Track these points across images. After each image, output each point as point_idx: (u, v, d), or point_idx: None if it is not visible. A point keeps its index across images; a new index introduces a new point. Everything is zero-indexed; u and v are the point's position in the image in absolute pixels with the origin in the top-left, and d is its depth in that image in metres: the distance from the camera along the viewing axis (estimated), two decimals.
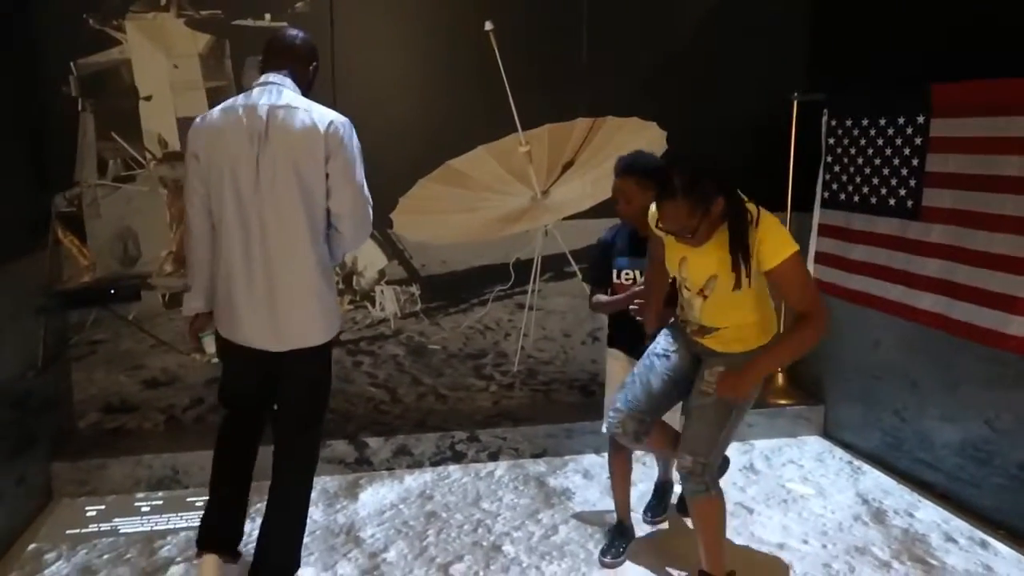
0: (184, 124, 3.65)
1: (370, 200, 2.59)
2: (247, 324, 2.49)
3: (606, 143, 4.01)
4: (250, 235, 2.43)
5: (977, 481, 3.16)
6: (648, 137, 4.03)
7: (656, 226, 2.36)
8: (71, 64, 3.49)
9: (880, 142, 3.43)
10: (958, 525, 3.11)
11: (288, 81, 2.52)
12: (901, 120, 3.32)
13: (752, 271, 2.32)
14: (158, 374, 3.77)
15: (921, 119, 3.22)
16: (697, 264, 2.41)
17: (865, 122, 3.53)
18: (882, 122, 3.43)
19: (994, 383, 3.05)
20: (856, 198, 3.60)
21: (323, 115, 2.45)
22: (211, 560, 2.57)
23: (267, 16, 3.63)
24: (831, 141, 3.77)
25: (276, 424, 2.66)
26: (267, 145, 2.40)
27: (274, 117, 2.41)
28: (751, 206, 2.33)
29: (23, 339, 3.24)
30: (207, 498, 2.68)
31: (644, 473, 3.53)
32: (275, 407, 2.67)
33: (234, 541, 2.67)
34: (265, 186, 2.40)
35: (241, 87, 3.64)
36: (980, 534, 3.04)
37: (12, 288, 3.14)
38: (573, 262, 4.09)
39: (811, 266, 3.91)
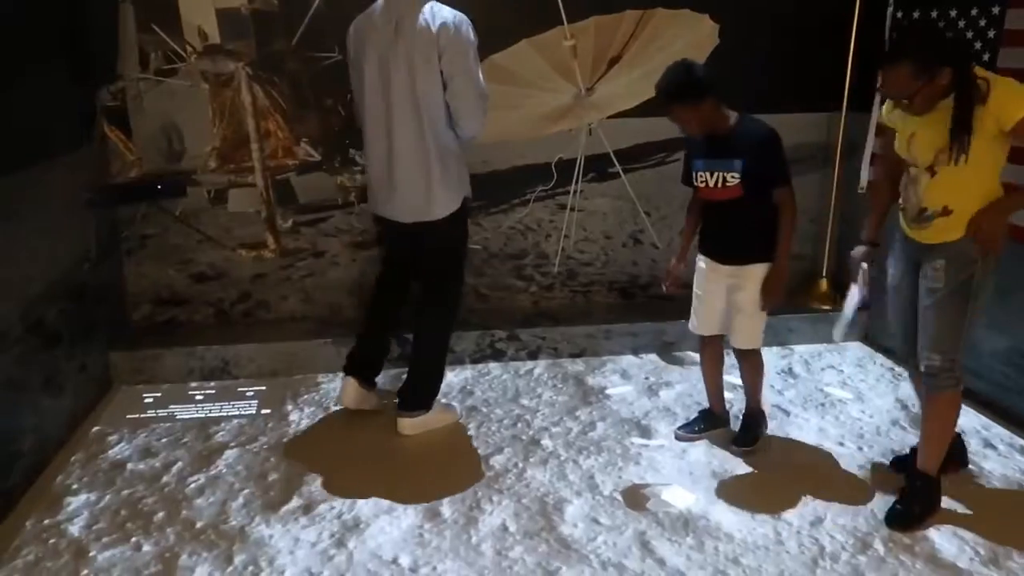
0: (224, 16, 3.60)
1: (483, 92, 2.86)
2: (382, 200, 2.99)
3: (656, 37, 3.84)
4: (379, 127, 2.86)
5: (1021, 388, 3.12)
6: (700, 31, 3.85)
7: (878, 88, 2.37)
8: None
9: (950, 35, 3.23)
10: (998, 432, 3.10)
11: None
12: (974, 11, 3.11)
13: (982, 142, 2.24)
14: (206, 268, 3.86)
15: (996, 10, 3.01)
16: (924, 139, 2.36)
17: (935, 14, 3.31)
18: (952, 13, 3.21)
19: None
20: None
21: (438, 16, 2.75)
22: (351, 381, 3.20)
23: None
24: (896, 35, 3.56)
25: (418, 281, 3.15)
26: (393, 46, 2.76)
27: (401, 20, 2.76)
28: (984, 80, 2.24)
29: (76, 233, 3.32)
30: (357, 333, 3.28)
31: (681, 375, 3.56)
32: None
33: (371, 371, 3.26)
34: (391, 84, 2.79)
35: None
36: (1020, 441, 3.03)
37: (62, 182, 3.19)
38: (617, 162, 4.00)
39: (866, 169, 3.77)
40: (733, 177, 2.69)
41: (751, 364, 3.01)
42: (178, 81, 3.64)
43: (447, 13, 2.78)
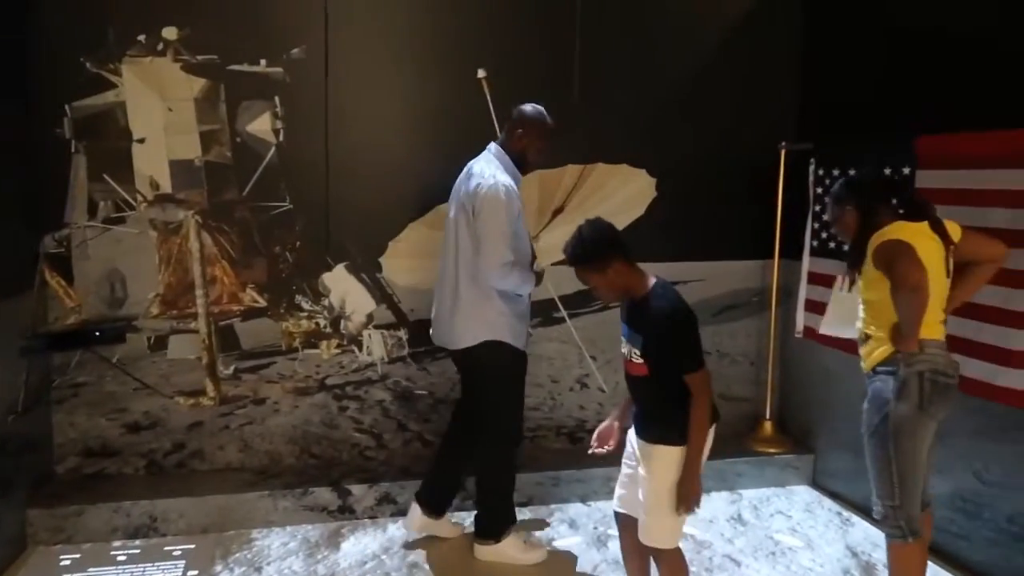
0: (177, 167, 3.68)
1: (502, 257, 3.01)
2: (434, 326, 3.31)
3: (596, 189, 4.04)
4: (446, 269, 3.21)
5: (966, 534, 3.12)
6: (639, 184, 4.07)
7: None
8: (66, 106, 3.51)
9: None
10: None
11: (494, 147, 3.17)
12: (888, 171, 3.36)
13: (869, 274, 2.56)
14: (140, 418, 3.72)
15: (907, 170, 3.26)
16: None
17: (852, 172, 3.56)
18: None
19: (982, 434, 3.03)
20: (844, 246, 3.61)
21: (483, 180, 3.02)
22: (415, 507, 3.38)
23: (262, 61, 3.68)
24: (819, 190, 3.81)
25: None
26: (457, 193, 3.16)
27: (465, 179, 3.13)
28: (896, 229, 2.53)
29: (4, 381, 3.20)
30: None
31: None
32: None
33: (436, 502, 3.38)
34: (448, 227, 3.19)
35: (235, 131, 3.68)
36: None
37: None
38: (562, 307, 4.08)
39: (800, 314, 3.91)
40: (636, 354, 2.42)
41: (664, 569, 2.52)
42: (125, 229, 3.66)
43: (489, 177, 3.02)
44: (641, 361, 2.41)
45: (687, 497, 2.35)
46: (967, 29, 3.11)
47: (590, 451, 2.64)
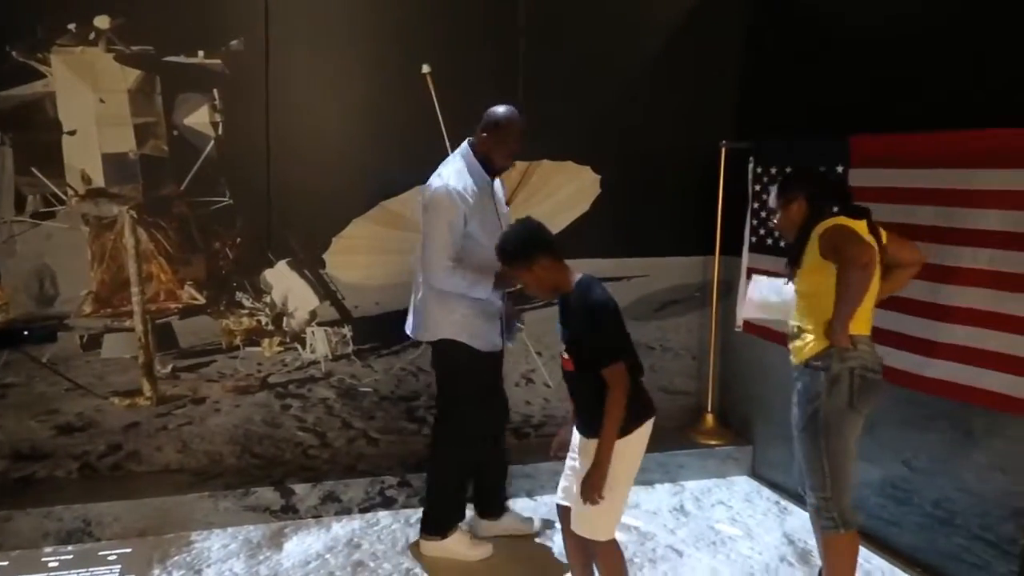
0: (110, 160, 3.57)
1: (439, 260, 3.02)
2: (408, 317, 3.34)
3: (542, 185, 4.06)
4: (415, 263, 3.29)
5: (896, 520, 3.24)
6: (583, 180, 4.10)
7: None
8: None
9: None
10: (879, 563, 3.18)
11: (462, 147, 3.16)
12: (822, 169, 3.46)
13: (810, 264, 2.58)
14: (73, 419, 3.60)
15: (840, 169, 3.36)
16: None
17: (788, 170, 3.65)
18: None
19: (909, 424, 3.15)
20: (782, 242, 3.71)
21: (434, 181, 3.08)
22: (479, 522, 3.47)
23: (200, 53, 3.59)
24: (757, 188, 3.90)
25: None
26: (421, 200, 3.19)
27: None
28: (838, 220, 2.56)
29: None
30: None
31: None
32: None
33: (489, 498, 3.47)
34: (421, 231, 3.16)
35: (172, 124, 3.58)
36: (900, 572, 3.11)
37: None
38: None
39: (740, 309, 4.00)
40: (563, 349, 2.50)
41: (600, 562, 2.58)
42: (56, 224, 3.53)
43: (436, 179, 3.08)
44: (567, 356, 2.48)
45: (592, 487, 2.38)
46: (903, 31, 3.22)
47: (552, 454, 2.76)
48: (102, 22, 3.46)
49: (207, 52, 3.59)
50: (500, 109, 3.10)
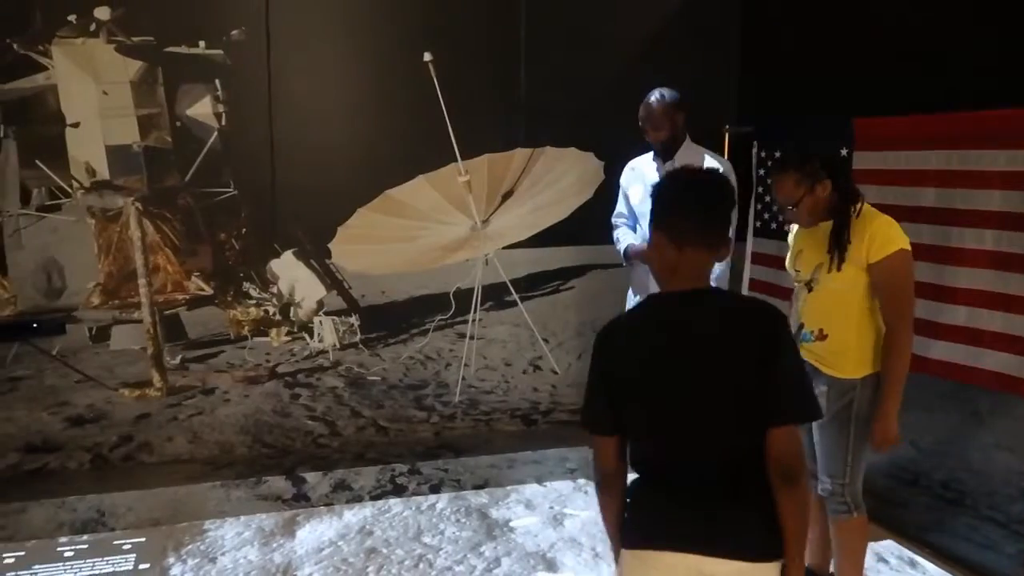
0: (114, 152, 3.57)
1: None
2: None
3: (545, 173, 4.05)
4: None
5: (903, 501, 3.26)
6: (587, 167, 4.09)
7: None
8: None
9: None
10: (888, 545, 3.20)
11: None
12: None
13: (855, 268, 2.39)
14: (84, 411, 3.63)
15: (844, 152, 3.35)
16: (808, 254, 2.52)
17: (794, 147, 3.65)
18: None
19: (916, 405, 3.15)
20: (786, 227, 3.71)
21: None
22: None
23: (201, 43, 3.58)
24: (761, 172, 3.89)
25: None
26: None
27: None
28: (868, 212, 2.42)
29: None
30: None
31: (585, 502, 3.54)
32: None
33: None
34: None
35: (175, 115, 3.58)
36: (909, 553, 3.13)
37: None
38: (513, 291, 4.10)
39: (745, 293, 4.00)
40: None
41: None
42: (61, 216, 3.54)
43: None
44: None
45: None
46: (906, 14, 3.20)
47: None
48: (103, 13, 3.45)
49: (208, 42, 3.58)
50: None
